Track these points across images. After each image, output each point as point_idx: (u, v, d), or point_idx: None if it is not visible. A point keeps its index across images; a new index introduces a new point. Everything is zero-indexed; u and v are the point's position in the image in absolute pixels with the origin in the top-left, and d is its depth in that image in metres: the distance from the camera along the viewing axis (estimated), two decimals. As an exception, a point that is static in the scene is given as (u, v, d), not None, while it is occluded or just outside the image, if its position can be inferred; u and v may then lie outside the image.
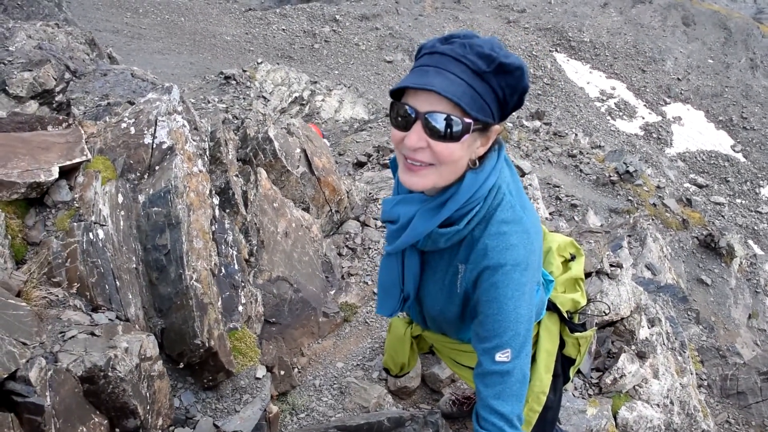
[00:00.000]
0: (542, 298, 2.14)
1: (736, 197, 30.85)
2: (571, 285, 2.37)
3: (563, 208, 12.60)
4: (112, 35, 29.24)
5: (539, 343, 2.17)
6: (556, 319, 2.25)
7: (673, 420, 4.26)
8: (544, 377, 2.14)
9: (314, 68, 32.49)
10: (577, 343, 2.30)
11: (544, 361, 2.15)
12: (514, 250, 1.60)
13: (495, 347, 1.61)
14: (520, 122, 18.11)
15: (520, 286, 1.60)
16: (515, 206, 1.64)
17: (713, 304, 12.13)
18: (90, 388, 2.47)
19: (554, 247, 2.42)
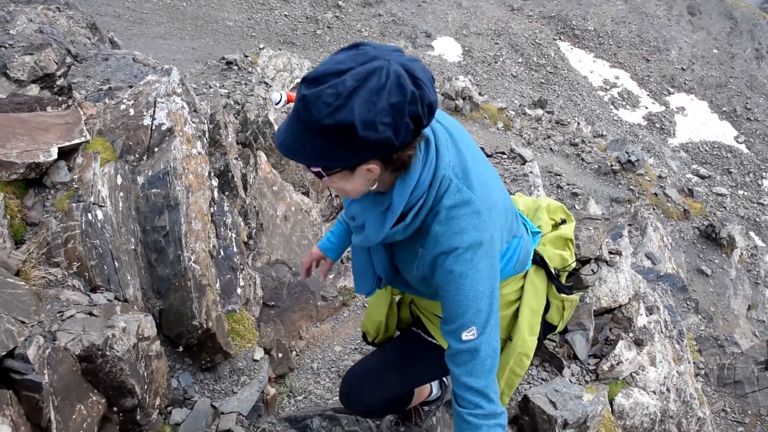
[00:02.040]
0: (526, 248, 2.07)
1: (739, 188, 30.80)
2: (561, 244, 2.31)
3: (564, 197, 12.59)
4: (114, 19, 29.09)
5: (523, 298, 2.11)
6: (543, 275, 2.18)
7: (669, 407, 4.27)
8: (527, 338, 2.10)
9: (317, 54, 32.35)
10: (561, 306, 2.24)
11: (528, 319, 2.11)
12: (464, 233, 1.61)
13: (459, 327, 1.64)
14: (523, 110, 18.05)
15: (474, 265, 1.61)
16: (462, 189, 1.63)
17: (713, 294, 12.14)
18: (88, 367, 2.49)
19: (543, 205, 2.41)
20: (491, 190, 1.72)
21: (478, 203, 1.63)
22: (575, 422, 3.48)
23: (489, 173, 1.79)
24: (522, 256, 2.03)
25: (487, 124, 14.87)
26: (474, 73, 34.04)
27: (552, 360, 4.12)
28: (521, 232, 2.03)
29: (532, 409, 3.53)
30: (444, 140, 1.66)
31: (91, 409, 2.53)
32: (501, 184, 1.88)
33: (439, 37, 36.94)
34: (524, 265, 2.09)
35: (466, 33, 37.74)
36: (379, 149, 1.42)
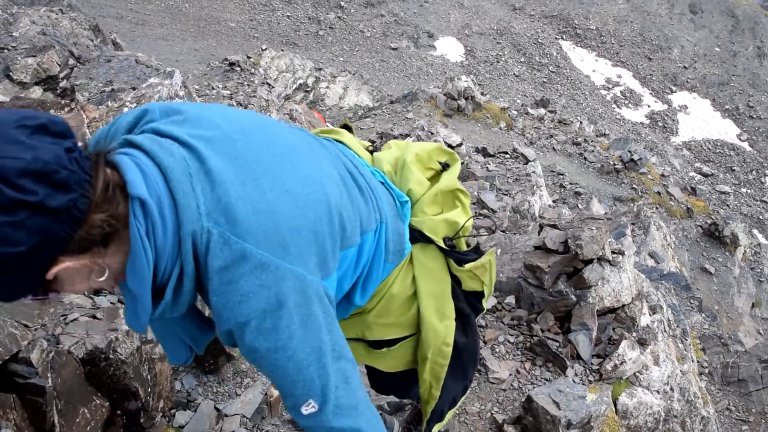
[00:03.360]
0: (396, 230, 1.62)
1: (742, 186, 30.76)
2: (447, 200, 1.80)
3: (567, 196, 12.58)
4: (116, 21, 29.19)
5: (418, 287, 1.70)
6: (433, 251, 1.72)
7: (673, 406, 4.27)
8: (438, 326, 1.74)
9: (319, 55, 32.39)
10: (473, 274, 1.79)
11: (432, 307, 1.73)
12: (251, 300, 1.17)
13: (294, 405, 1.29)
14: (525, 110, 18.04)
15: (281, 333, 1.20)
16: (229, 241, 1.14)
17: (717, 292, 12.13)
18: (91, 370, 2.50)
19: (410, 158, 1.78)
20: (298, 202, 1.24)
21: (258, 252, 1.15)
22: (579, 422, 3.48)
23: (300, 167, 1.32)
24: (393, 244, 1.60)
25: (490, 124, 14.88)
26: (476, 73, 34.04)
27: (555, 360, 4.12)
28: (383, 216, 1.57)
29: (536, 410, 3.52)
30: (181, 178, 1.16)
31: (95, 412, 2.54)
32: (330, 175, 1.41)
33: (442, 37, 36.97)
34: (401, 251, 1.64)
35: (469, 33, 37.76)
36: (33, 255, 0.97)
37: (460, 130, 13.53)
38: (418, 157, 1.82)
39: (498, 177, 7.14)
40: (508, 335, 4.25)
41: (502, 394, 3.92)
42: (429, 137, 7.41)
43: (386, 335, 1.75)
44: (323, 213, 1.29)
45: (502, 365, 4.08)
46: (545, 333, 4.24)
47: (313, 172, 1.34)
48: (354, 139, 1.84)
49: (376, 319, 1.69)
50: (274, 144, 1.32)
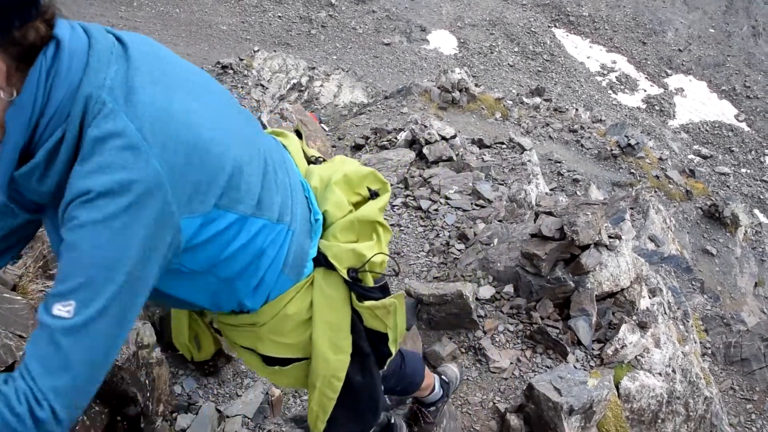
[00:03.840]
0: (300, 244, 1.53)
1: (741, 167, 30.71)
2: (364, 230, 1.68)
3: (565, 184, 12.57)
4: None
5: (314, 313, 1.59)
6: (337, 280, 1.60)
7: (676, 388, 4.27)
8: (330, 357, 1.62)
9: (312, 54, 32.36)
10: (374, 314, 1.67)
11: (326, 336, 1.61)
12: (105, 172, 1.08)
13: (55, 295, 1.10)
14: (520, 99, 18.03)
15: (107, 218, 1.08)
16: (116, 115, 1.10)
17: (719, 273, 12.11)
18: (88, 377, 2.49)
19: (336, 178, 1.69)
20: (199, 126, 1.20)
21: (137, 136, 1.10)
22: (581, 408, 3.48)
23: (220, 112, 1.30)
24: (293, 258, 1.51)
25: (485, 115, 14.85)
26: (470, 65, 33.98)
27: (556, 347, 4.12)
28: (293, 223, 1.50)
29: (537, 397, 3.52)
30: (103, 51, 1.16)
31: (94, 419, 2.54)
32: (248, 142, 1.37)
33: (434, 30, 36.90)
34: (300, 268, 1.55)
35: (461, 25, 37.69)
36: None
37: (455, 122, 13.51)
38: (347, 178, 1.72)
39: (493, 167, 7.13)
40: (508, 324, 4.24)
41: (504, 383, 3.92)
42: (423, 130, 7.40)
43: (278, 353, 1.65)
44: (218, 151, 1.22)
45: (503, 354, 4.08)
46: (545, 320, 4.24)
47: (229, 124, 1.31)
48: (298, 146, 1.81)
49: (269, 334, 1.60)
50: (207, 85, 1.33)
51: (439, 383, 3.06)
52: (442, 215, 5.76)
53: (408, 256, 5.31)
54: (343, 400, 1.71)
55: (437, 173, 6.52)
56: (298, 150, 1.79)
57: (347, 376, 1.69)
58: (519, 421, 3.63)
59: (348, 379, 1.70)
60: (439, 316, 4.21)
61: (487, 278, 4.59)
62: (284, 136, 1.81)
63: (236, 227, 1.32)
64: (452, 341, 4.14)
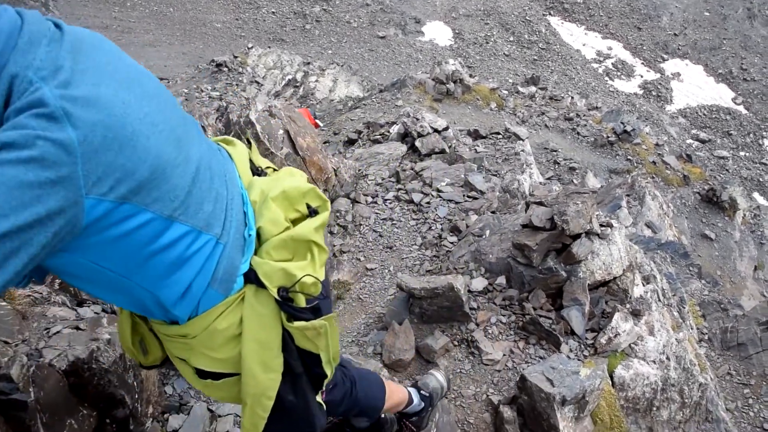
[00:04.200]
0: (230, 259, 1.49)
1: (740, 150, 30.63)
2: (300, 249, 1.62)
3: (562, 172, 12.54)
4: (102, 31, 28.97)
5: (244, 330, 1.55)
6: (267, 297, 1.55)
7: (670, 375, 4.26)
8: (260, 376, 1.59)
9: (307, 49, 32.27)
10: (303, 335, 1.62)
11: (256, 354, 1.57)
12: (13, 129, 1.06)
13: None
14: (516, 89, 17.97)
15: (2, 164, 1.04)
16: (40, 90, 1.09)
17: (718, 258, 12.09)
18: (75, 381, 2.50)
19: (274, 194, 1.62)
20: (124, 116, 1.18)
21: (56, 108, 1.08)
22: (573, 398, 3.48)
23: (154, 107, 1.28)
24: (222, 272, 1.48)
25: (480, 106, 14.81)
26: (466, 56, 33.89)
27: (549, 337, 4.11)
28: (225, 236, 1.47)
29: (530, 388, 3.52)
30: (35, 34, 1.15)
31: (83, 422, 2.54)
32: (187, 140, 1.37)
33: (429, 22, 36.78)
34: (229, 283, 1.51)
35: (455, 16, 37.56)
36: None
37: (450, 113, 13.48)
38: (286, 194, 1.66)
39: (487, 158, 7.11)
40: (500, 315, 4.24)
41: (497, 375, 3.92)
42: (415, 123, 7.38)
43: (209, 367, 1.61)
44: (141, 144, 1.19)
45: (496, 346, 4.08)
46: (537, 311, 4.23)
47: (161, 123, 1.27)
48: (245, 155, 1.76)
49: (200, 347, 1.56)
50: (146, 83, 1.31)
51: (418, 396, 2.94)
52: (434, 208, 5.76)
53: (401, 249, 5.30)
54: (276, 419, 1.69)
55: (429, 166, 6.51)
56: (244, 160, 1.74)
57: (279, 396, 1.66)
58: (512, 412, 3.63)
59: (280, 399, 1.67)
60: (431, 310, 4.20)
61: (480, 270, 4.58)
62: (231, 145, 1.76)
63: (154, 228, 1.28)
64: (445, 334, 4.13)
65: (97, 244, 1.22)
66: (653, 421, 4.25)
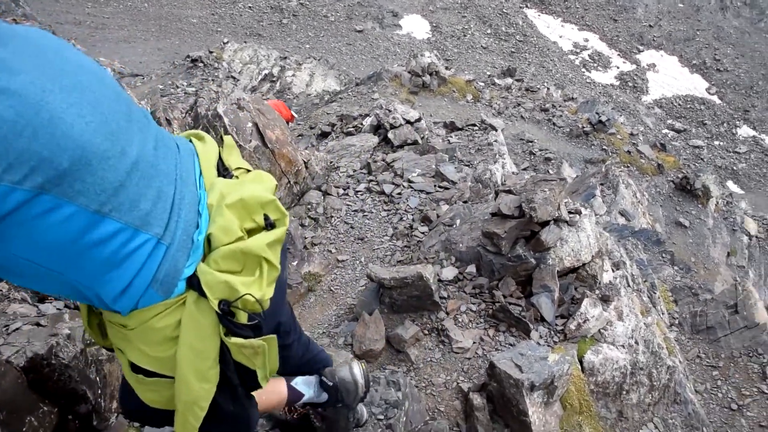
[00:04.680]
0: (173, 261, 1.44)
1: (714, 139, 31.04)
2: (250, 263, 1.56)
3: (537, 163, 12.60)
4: (75, 27, 28.74)
5: (181, 334, 1.50)
6: (208, 307, 1.49)
7: (639, 359, 4.30)
8: (193, 384, 1.54)
9: (284, 44, 32.14)
10: (240, 352, 1.58)
11: (190, 361, 1.52)
12: None
13: None
14: (492, 81, 18.01)
15: None
16: None
17: (692, 245, 12.23)
18: (35, 377, 2.46)
19: (230, 201, 1.56)
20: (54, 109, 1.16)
21: None
22: (542, 383, 3.49)
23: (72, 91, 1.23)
24: (164, 274, 1.42)
25: (456, 98, 14.83)
26: (444, 48, 33.95)
27: (518, 324, 4.13)
28: (169, 238, 1.42)
29: (499, 375, 3.53)
30: None
31: (43, 419, 2.50)
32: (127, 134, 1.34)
33: (406, 15, 36.79)
34: (169, 287, 1.45)
35: (433, 9, 37.62)
36: None
37: (426, 106, 13.49)
38: (243, 203, 1.58)
39: (459, 148, 7.12)
40: (471, 304, 4.25)
41: (467, 362, 3.93)
42: (387, 115, 7.37)
43: (141, 363, 1.56)
44: (61, 132, 1.16)
45: (466, 334, 4.09)
46: (507, 299, 4.24)
47: (93, 114, 1.24)
48: (212, 153, 1.69)
49: (135, 340, 1.51)
50: (81, 74, 1.28)
51: (315, 386, 2.71)
52: (405, 199, 5.75)
53: (372, 241, 5.30)
54: (213, 424, 1.66)
55: (401, 157, 6.51)
56: (211, 158, 1.66)
57: (218, 404, 1.63)
58: (482, 399, 3.64)
59: (218, 407, 1.64)
60: (401, 300, 4.20)
61: (450, 259, 4.59)
62: (201, 141, 1.70)
63: (80, 222, 1.23)
64: (415, 324, 4.14)
65: (22, 237, 1.19)
66: (623, 405, 4.29)
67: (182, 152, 1.56)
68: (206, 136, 1.75)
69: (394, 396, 3.35)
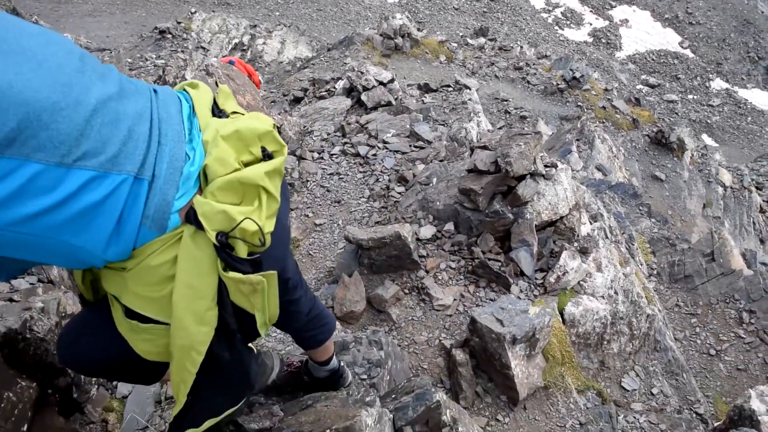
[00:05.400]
0: (163, 195, 1.39)
1: (688, 93, 31.18)
2: (249, 194, 1.52)
3: (513, 121, 12.58)
4: (36, 2, 27.99)
5: (177, 271, 1.45)
6: (206, 241, 1.44)
7: (619, 309, 4.34)
8: (191, 327, 1.50)
9: (254, 12, 31.59)
10: (238, 289, 1.53)
11: (188, 301, 1.47)
12: None
13: None
14: (465, 41, 17.85)
15: None
16: None
17: (669, 197, 12.34)
18: (10, 353, 2.42)
19: (225, 132, 1.52)
20: None
21: None
22: (524, 336, 3.51)
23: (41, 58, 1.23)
24: (154, 209, 1.38)
25: (430, 59, 14.70)
26: (415, 11, 33.57)
27: (498, 279, 4.14)
28: (152, 173, 1.37)
29: (480, 330, 3.54)
30: None
31: (21, 394, 2.46)
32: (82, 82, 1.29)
33: (377, -22, 36.24)
34: (162, 222, 1.40)
35: (403, -29, 37.07)
36: None
37: (400, 68, 13.35)
38: (239, 134, 1.54)
39: (434, 108, 7.06)
40: (450, 261, 4.24)
41: (449, 319, 3.93)
42: (360, 77, 7.27)
43: (138, 307, 1.50)
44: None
45: (446, 291, 4.09)
46: (486, 254, 4.24)
47: (36, 70, 1.20)
48: (206, 97, 1.65)
49: (131, 282, 1.46)
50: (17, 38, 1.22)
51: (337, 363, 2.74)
52: (381, 159, 5.70)
53: (349, 203, 5.25)
54: (209, 373, 1.61)
55: (374, 118, 6.43)
56: (205, 101, 1.63)
57: (214, 352, 1.58)
58: (465, 355, 3.65)
59: (215, 354, 1.59)
60: (380, 260, 4.18)
61: (428, 218, 4.57)
62: (195, 87, 1.66)
63: (47, 178, 1.20)
64: (395, 283, 4.12)
65: None
66: (604, 355, 4.35)
67: (161, 95, 1.51)
68: (200, 83, 1.71)
69: (376, 355, 3.34)
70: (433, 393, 2.76)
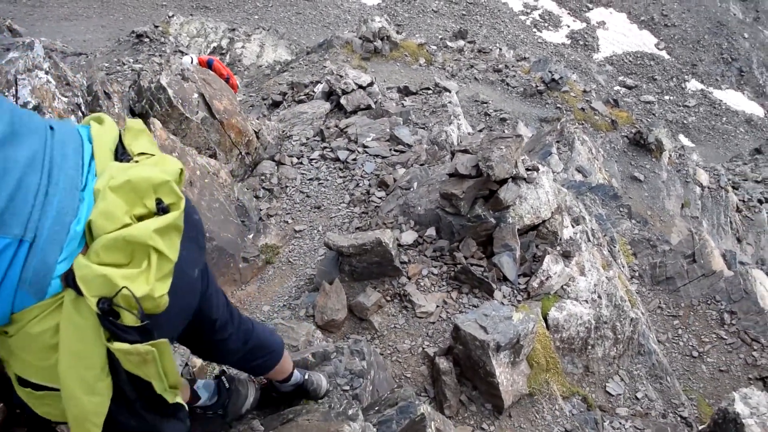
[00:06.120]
0: (44, 258, 1.25)
1: (665, 94, 31.49)
2: (139, 254, 1.35)
3: (493, 123, 12.57)
4: (10, 6, 27.61)
5: (60, 340, 1.30)
6: (87, 308, 1.28)
7: (602, 313, 4.31)
8: (81, 398, 1.34)
9: (233, 15, 31.43)
10: (127, 360, 1.36)
11: (73, 371, 1.32)
12: None
13: None
14: (444, 43, 17.85)
15: None
16: None
17: (648, 198, 12.40)
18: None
19: (115, 183, 1.37)
20: None
21: None
22: (508, 343, 3.45)
23: None
24: (32, 273, 1.24)
25: (409, 62, 14.66)
26: (394, 14, 33.59)
27: (481, 285, 4.08)
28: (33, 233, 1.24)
29: (464, 337, 3.48)
30: None
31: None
32: None
33: (355, -19, 36.20)
34: (41, 286, 1.26)
35: (382, -26, 37.07)
36: None
37: (379, 71, 13.30)
38: (132, 184, 1.38)
39: (414, 111, 7.01)
40: (432, 267, 4.18)
41: (431, 327, 3.87)
42: (339, 80, 7.20)
43: (27, 375, 1.37)
44: None
45: (429, 298, 4.03)
46: (469, 260, 4.19)
47: None
48: (109, 136, 1.51)
49: (17, 349, 1.33)
50: None
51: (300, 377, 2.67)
52: (361, 164, 5.63)
53: (329, 209, 5.18)
54: None
55: (354, 122, 6.36)
56: (107, 142, 1.49)
57: (118, 421, 1.45)
58: (448, 363, 3.59)
59: (119, 423, 1.46)
60: (362, 267, 4.11)
61: (409, 223, 4.51)
62: (100, 123, 1.52)
63: None
64: (377, 290, 4.06)
65: None
66: (589, 360, 4.31)
67: (58, 133, 1.37)
68: (107, 118, 1.56)
69: (358, 365, 3.27)
70: (417, 405, 2.69)
